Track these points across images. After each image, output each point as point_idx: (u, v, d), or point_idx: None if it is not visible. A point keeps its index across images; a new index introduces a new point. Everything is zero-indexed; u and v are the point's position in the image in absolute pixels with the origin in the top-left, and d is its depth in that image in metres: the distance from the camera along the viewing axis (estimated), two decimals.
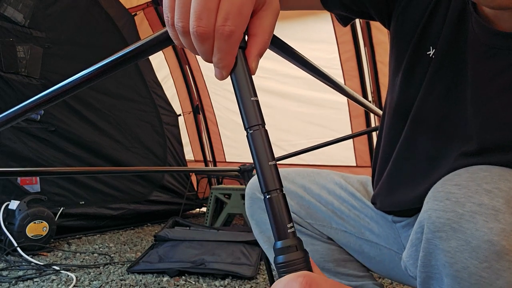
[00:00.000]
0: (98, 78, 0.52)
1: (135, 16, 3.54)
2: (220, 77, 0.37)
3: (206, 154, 4.23)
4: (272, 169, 0.36)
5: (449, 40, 0.62)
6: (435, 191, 0.50)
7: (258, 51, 0.37)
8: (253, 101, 0.36)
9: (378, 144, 0.81)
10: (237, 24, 0.33)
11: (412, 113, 0.67)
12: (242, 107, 0.36)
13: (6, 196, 2.35)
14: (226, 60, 0.35)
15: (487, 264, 0.42)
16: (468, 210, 0.45)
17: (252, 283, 1.79)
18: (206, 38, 0.34)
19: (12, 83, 2.54)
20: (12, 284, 1.72)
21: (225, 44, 0.34)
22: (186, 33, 0.35)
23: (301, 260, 0.33)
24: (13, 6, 2.57)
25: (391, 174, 0.74)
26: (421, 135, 0.67)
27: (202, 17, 0.33)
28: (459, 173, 0.50)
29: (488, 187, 0.45)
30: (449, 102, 0.62)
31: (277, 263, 0.34)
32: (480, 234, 0.43)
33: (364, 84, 2.98)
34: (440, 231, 0.46)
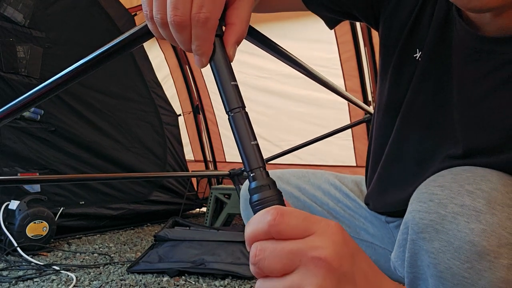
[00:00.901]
0: (83, 74, 0.54)
1: (135, 16, 3.54)
2: (200, 65, 0.38)
3: (206, 154, 4.23)
4: (254, 148, 0.37)
5: (434, 43, 0.62)
6: (419, 193, 0.50)
7: (236, 39, 0.39)
8: (233, 85, 0.38)
9: (370, 144, 0.82)
10: (211, 11, 0.35)
11: (400, 116, 0.68)
12: (222, 92, 0.38)
13: (6, 196, 2.35)
14: (204, 47, 0.37)
15: (469, 265, 0.43)
16: (450, 211, 0.45)
17: (252, 283, 1.79)
18: (183, 26, 0.36)
19: (12, 83, 2.54)
20: (12, 284, 1.72)
21: (202, 31, 0.36)
22: (164, 24, 0.37)
23: (275, 197, 0.35)
24: (13, 6, 2.57)
25: (381, 176, 0.74)
26: (409, 138, 0.67)
27: (179, 7, 0.35)
28: (443, 174, 0.51)
29: (470, 188, 0.46)
30: (436, 105, 0.62)
31: (251, 202, 0.35)
32: (462, 235, 0.44)
33: (364, 84, 2.98)
34: (424, 232, 0.47)
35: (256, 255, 0.31)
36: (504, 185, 0.46)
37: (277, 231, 0.31)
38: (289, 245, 0.31)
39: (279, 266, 0.30)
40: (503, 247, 0.42)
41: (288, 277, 0.30)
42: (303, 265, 0.30)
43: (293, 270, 0.30)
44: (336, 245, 0.31)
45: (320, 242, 0.30)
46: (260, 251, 0.31)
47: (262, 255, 0.31)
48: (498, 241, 0.42)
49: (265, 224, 0.31)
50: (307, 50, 2.95)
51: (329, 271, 0.30)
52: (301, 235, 0.31)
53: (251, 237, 0.33)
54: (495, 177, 0.47)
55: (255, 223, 0.32)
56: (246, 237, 0.33)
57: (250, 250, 0.32)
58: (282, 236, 0.31)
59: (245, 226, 0.34)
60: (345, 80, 3.02)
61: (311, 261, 0.30)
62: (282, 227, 0.31)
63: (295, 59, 0.76)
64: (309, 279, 0.29)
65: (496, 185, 0.46)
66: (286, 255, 0.30)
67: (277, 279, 0.31)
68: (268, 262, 0.31)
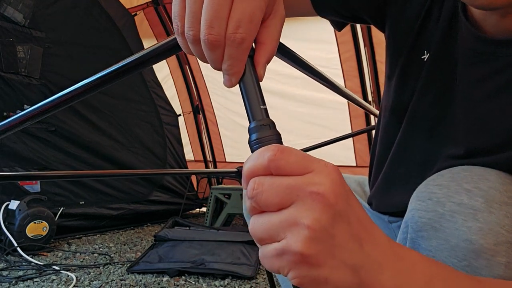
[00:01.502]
0: (104, 85, 0.52)
1: (135, 16, 3.54)
2: (229, 85, 0.37)
3: (206, 154, 4.23)
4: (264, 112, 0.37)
5: (440, 44, 0.62)
6: (419, 192, 0.51)
7: (266, 59, 0.38)
8: (262, 109, 0.36)
9: (374, 145, 0.81)
10: (248, 32, 0.34)
11: (407, 117, 0.68)
12: (251, 116, 0.36)
13: (6, 196, 2.35)
14: (236, 67, 0.36)
15: (466, 263, 0.43)
16: (448, 210, 0.45)
17: (252, 283, 1.79)
18: (217, 46, 0.35)
19: (12, 83, 2.54)
20: (12, 284, 1.72)
21: (236, 52, 0.35)
22: (196, 41, 0.36)
23: (274, 137, 0.35)
24: (13, 6, 2.57)
25: (386, 176, 0.74)
26: (414, 139, 0.68)
27: (214, 25, 0.34)
28: (442, 173, 0.51)
29: (468, 186, 0.46)
30: (441, 106, 0.63)
31: (250, 141, 0.35)
32: (459, 233, 0.44)
33: (364, 84, 2.98)
34: (422, 231, 0.47)
35: (253, 188, 0.32)
36: (502, 183, 0.47)
37: (277, 167, 0.31)
38: (287, 180, 0.31)
39: (276, 199, 0.31)
40: (500, 245, 0.43)
41: (284, 211, 0.31)
42: (300, 200, 0.30)
43: (289, 204, 0.31)
44: (334, 184, 0.31)
45: (318, 178, 0.31)
46: (258, 185, 0.31)
47: (260, 189, 0.31)
48: (496, 239, 0.43)
49: (265, 159, 0.32)
50: (307, 50, 2.95)
51: (325, 206, 0.30)
52: (300, 172, 0.31)
53: (250, 172, 0.33)
54: (494, 176, 0.48)
55: (254, 158, 0.33)
56: (244, 172, 0.33)
57: (248, 185, 0.32)
58: (281, 172, 0.31)
59: (244, 163, 0.34)
60: (345, 80, 3.02)
61: (309, 196, 0.30)
62: (281, 162, 0.31)
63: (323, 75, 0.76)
64: (305, 212, 0.30)
65: (494, 183, 0.46)
66: (284, 189, 0.31)
67: (274, 213, 0.31)
68: (266, 195, 0.31)
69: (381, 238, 0.34)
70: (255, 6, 0.35)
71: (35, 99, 2.65)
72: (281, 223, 0.31)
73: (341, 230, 0.31)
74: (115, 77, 0.51)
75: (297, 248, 0.30)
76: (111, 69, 0.51)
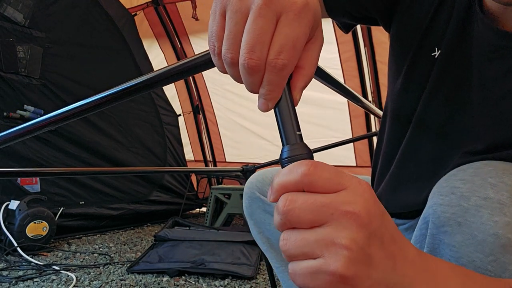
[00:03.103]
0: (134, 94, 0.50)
1: (135, 16, 3.54)
2: (265, 109, 0.36)
3: (206, 154, 4.23)
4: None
5: (453, 41, 0.61)
6: (440, 186, 0.50)
7: (304, 84, 0.37)
8: (298, 135, 0.36)
9: (379, 145, 0.81)
10: (290, 58, 0.33)
11: (416, 115, 0.67)
12: (285, 142, 0.36)
13: (6, 196, 2.35)
14: (275, 93, 0.35)
15: (493, 258, 0.43)
16: (473, 204, 0.45)
17: (252, 283, 1.79)
18: (256, 70, 0.34)
19: (12, 83, 2.54)
20: (12, 284, 1.72)
21: (276, 77, 0.34)
22: (234, 64, 0.35)
23: (306, 155, 0.34)
24: (13, 6, 2.57)
25: (394, 175, 0.73)
26: (425, 137, 0.67)
27: (255, 50, 0.33)
28: (463, 168, 0.50)
29: (493, 181, 0.45)
30: (454, 104, 0.62)
31: (282, 158, 0.35)
32: (486, 228, 0.43)
33: (364, 84, 2.98)
34: (445, 226, 0.46)
35: (285, 205, 0.31)
36: None
37: (310, 182, 0.31)
38: (321, 198, 0.31)
39: (309, 217, 0.31)
40: None
41: (319, 229, 0.30)
42: (335, 219, 0.30)
43: (323, 223, 0.30)
44: (368, 202, 0.31)
45: (352, 197, 0.31)
46: (291, 202, 0.31)
47: (292, 206, 0.31)
48: None
49: (298, 174, 0.31)
50: None
51: (361, 226, 0.30)
52: (333, 189, 0.31)
53: (281, 186, 0.32)
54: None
55: (286, 173, 0.32)
56: (274, 186, 0.33)
57: (279, 200, 0.32)
58: (314, 188, 0.31)
59: (274, 177, 0.33)
60: (345, 80, 3.02)
61: (344, 215, 0.30)
62: (315, 178, 0.31)
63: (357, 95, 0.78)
64: (342, 232, 0.30)
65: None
66: (318, 207, 0.30)
67: (307, 231, 0.31)
68: (298, 213, 0.31)
69: (413, 254, 0.34)
70: (300, 32, 0.33)
71: (35, 99, 2.65)
72: (317, 242, 0.30)
73: (376, 250, 0.31)
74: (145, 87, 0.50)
75: (336, 268, 0.30)
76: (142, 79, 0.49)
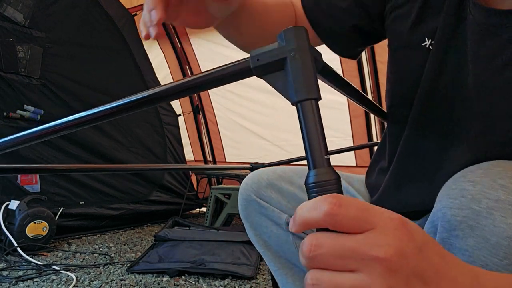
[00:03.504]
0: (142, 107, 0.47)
1: (135, 16, 3.54)
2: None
3: (206, 154, 4.23)
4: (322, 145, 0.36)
5: (448, 29, 0.61)
6: (448, 189, 0.48)
7: None
8: (325, 159, 0.35)
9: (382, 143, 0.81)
10: None
11: (416, 106, 0.66)
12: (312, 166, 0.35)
13: (6, 196, 2.35)
14: None
15: (508, 261, 0.41)
16: (485, 207, 0.43)
17: (252, 283, 1.79)
18: None
19: (12, 83, 2.54)
20: (12, 284, 1.72)
21: None
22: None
23: (333, 182, 0.33)
24: (13, 6, 2.57)
25: (394, 175, 0.72)
26: (424, 135, 0.66)
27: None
28: (471, 169, 0.49)
29: (503, 182, 0.44)
30: (454, 91, 0.61)
31: (307, 183, 0.34)
32: (499, 231, 0.42)
33: (364, 84, 2.98)
34: (457, 229, 0.45)
35: (311, 250, 0.29)
36: None
37: (334, 222, 0.29)
38: (348, 241, 0.29)
39: (339, 263, 0.29)
40: None
41: (351, 274, 0.29)
42: (366, 265, 0.28)
43: (354, 269, 0.29)
44: (400, 242, 0.29)
45: (382, 238, 0.28)
46: (316, 247, 0.29)
47: (319, 251, 0.29)
48: None
49: (321, 213, 0.29)
50: None
51: (393, 271, 0.28)
52: (360, 229, 0.29)
53: (304, 223, 0.31)
54: None
55: (310, 209, 0.30)
56: (297, 220, 0.31)
57: (303, 243, 0.30)
58: (340, 229, 0.29)
59: (297, 210, 0.32)
60: None
61: (374, 261, 0.28)
62: (339, 218, 0.29)
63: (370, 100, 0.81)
64: (376, 280, 0.28)
65: None
66: (347, 252, 0.29)
67: (339, 273, 0.29)
68: (327, 259, 0.29)
69: (464, 279, 0.31)
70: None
71: (35, 99, 2.65)
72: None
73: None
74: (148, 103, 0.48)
75: None
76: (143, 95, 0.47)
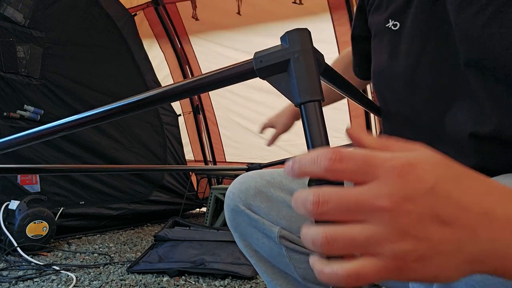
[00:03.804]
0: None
1: (135, 16, 3.54)
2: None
3: (206, 154, 4.23)
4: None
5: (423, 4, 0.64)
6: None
7: None
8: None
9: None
10: None
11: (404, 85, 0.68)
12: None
13: (6, 196, 2.35)
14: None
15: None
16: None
17: (252, 283, 1.79)
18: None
19: (12, 83, 2.54)
20: (12, 284, 1.72)
21: None
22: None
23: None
24: (13, 6, 2.57)
25: None
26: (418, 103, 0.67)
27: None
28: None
29: None
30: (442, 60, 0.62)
31: (311, 181, 0.33)
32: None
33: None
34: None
35: (318, 207, 0.28)
36: None
37: (335, 178, 0.29)
38: (353, 195, 0.28)
39: (348, 216, 0.28)
40: None
41: (365, 226, 0.28)
42: (373, 216, 0.27)
43: (363, 219, 0.28)
44: (404, 187, 0.27)
45: (385, 189, 0.27)
46: (323, 204, 0.28)
47: (326, 207, 0.28)
48: None
49: (321, 168, 0.29)
50: None
51: (404, 217, 0.27)
52: (362, 181, 0.28)
53: (302, 173, 0.30)
54: None
55: (310, 162, 0.29)
56: (296, 169, 0.30)
57: (306, 200, 0.29)
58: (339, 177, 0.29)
59: (296, 158, 0.30)
60: None
61: (381, 211, 0.27)
62: (339, 174, 0.29)
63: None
64: (388, 228, 0.27)
65: None
66: (354, 206, 0.28)
67: (351, 226, 0.28)
68: (335, 214, 0.28)
69: (502, 210, 0.28)
70: None
71: (35, 99, 2.65)
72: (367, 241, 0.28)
73: (436, 230, 0.27)
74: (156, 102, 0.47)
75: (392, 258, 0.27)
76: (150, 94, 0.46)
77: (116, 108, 0.46)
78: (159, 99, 0.47)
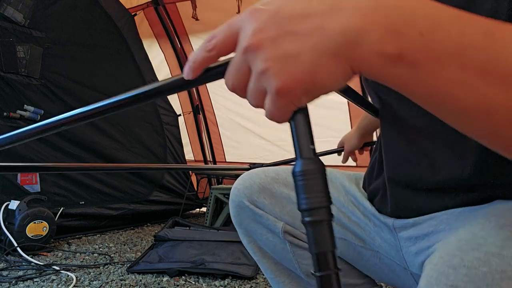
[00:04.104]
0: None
1: (135, 16, 3.54)
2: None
3: (206, 154, 4.23)
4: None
5: None
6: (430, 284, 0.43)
7: None
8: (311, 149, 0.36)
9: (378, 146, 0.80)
10: None
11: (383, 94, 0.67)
12: (299, 156, 0.37)
13: (6, 196, 2.35)
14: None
15: None
16: None
17: (252, 283, 1.79)
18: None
19: (12, 83, 2.54)
20: (12, 284, 1.72)
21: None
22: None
23: (318, 170, 0.34)
24: (13, 6, 2.57)
25: (386, 178, 0.70)
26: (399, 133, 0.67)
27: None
28: (454, 265, 0.43)
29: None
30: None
31: (294, 171, 0.35)
32: None
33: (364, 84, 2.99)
34: None
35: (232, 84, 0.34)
36: None
37: (217, 53, 0.34)
38: (236, 56, 0.33)
39: (241, 77, 0.33)
40: None
41: (252, 74, 0.32)
42: (248, 60, 0.32)
43: (249, 71, 0.32)
44: (253, 21, 0.31)
45: (242, 34, 0.32)
46: (228, 80, 0.34)
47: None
48: None
49: (204, 52, 0.34)
50: None
51: (263, 44, 0.30)
52: (234, 43, 0.33)
53: (199, 67, 0.35)
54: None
55: (197, 55, 0.35)
56: (192, 67, 0.35)
57: (228, 82, 0.34)
58: (224, 54, 0.34)
59: (185, 68, 0.36)
60: None
61: (247, 51, 0.31)
62: (217, 50, 0.34)
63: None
64: (256, 62, 0.31)
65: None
66: (239, 64, 0.33)
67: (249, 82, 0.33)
68: (233, 81, 0.34)
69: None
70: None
71: (35, 99, 2.65)
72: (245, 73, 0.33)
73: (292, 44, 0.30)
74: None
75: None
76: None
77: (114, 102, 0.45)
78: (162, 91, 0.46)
